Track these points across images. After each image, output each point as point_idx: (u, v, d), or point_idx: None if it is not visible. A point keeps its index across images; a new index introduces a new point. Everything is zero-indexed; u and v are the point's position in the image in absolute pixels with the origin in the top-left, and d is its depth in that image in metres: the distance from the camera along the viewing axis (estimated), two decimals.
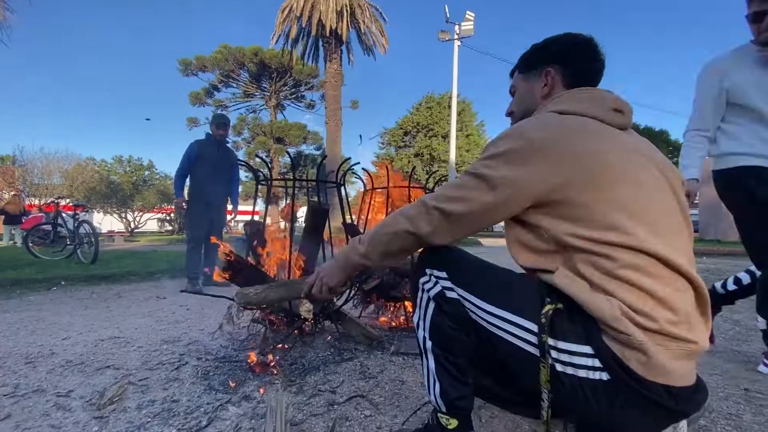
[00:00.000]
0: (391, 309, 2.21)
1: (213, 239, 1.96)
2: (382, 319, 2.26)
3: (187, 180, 3.83)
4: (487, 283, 0.80)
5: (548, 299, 0.72)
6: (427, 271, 0.87)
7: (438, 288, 0.85)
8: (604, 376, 0.66)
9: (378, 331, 1.98)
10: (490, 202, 0.75)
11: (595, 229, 0.69)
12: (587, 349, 0.68)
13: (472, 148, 24.57)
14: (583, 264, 0.70)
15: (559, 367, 0.69)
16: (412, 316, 0.94)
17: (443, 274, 0.85)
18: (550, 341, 0.69)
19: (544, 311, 0.71)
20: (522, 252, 0.80)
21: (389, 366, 1.61)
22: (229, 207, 4.02)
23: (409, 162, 23.61)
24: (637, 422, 0.68)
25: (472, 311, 0.80)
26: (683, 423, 0.76)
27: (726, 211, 1.71)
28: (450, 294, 0.83)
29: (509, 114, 1.04)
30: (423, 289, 0.88)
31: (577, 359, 0.68)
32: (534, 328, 0.72)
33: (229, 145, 4.08)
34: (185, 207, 3.82)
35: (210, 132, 3.90)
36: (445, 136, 23.66)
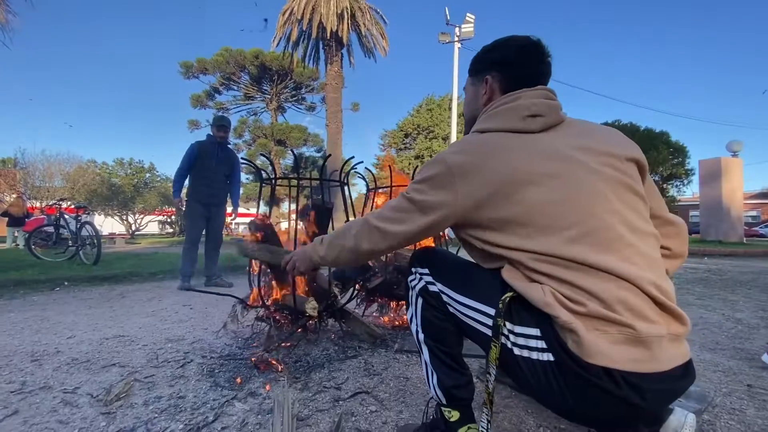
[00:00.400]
0: (394, 307, 2.22)
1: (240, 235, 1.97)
2: (385, 318, 2.26)
3: (187, 180, 3.83)
4: (460, 277, 0.88)
5: (509, 289, 0.78)
6: (413, 269, 0.97)
7: (422, 283, 0.93)
8: (550, 357, 0.71)
9: (381, 329, 1.99)
10: (422, 223, 0.83)
11: (513, 240, 0.75)
12: (536, 332, 0.73)
13: None
14: (516, 264, 0.77)
15: (516, 351, 0.75)
16: (407, 313, 1.01)
17: (426, 271, 0.93)
18: (508, 325, 0.75)
19: (502, 298, 0.77)
20: (474, 257, 0.90)
21: (393, 363, 1.61)
22: (229, 209, 4.03)
23: (409, 164, 23.64)
24: (591, 406, 0.69)
25: (448, 303, 0.88)
26: (690, 417, 0.76)
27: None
28: (432, 288, 0.91)
29: (462, 115, 1.13)
30: (411, 287, 0.97)
31: (529, 342, 0.73)
32: (492, 312, 0.78)
33: (230, 146, 4.09)
34: (182, 208, 3.83)
35: (211, 133, 3.91)
36: (446, 138, 23.71)
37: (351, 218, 2.08)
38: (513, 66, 0.91)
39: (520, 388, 1.20)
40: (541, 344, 0.72)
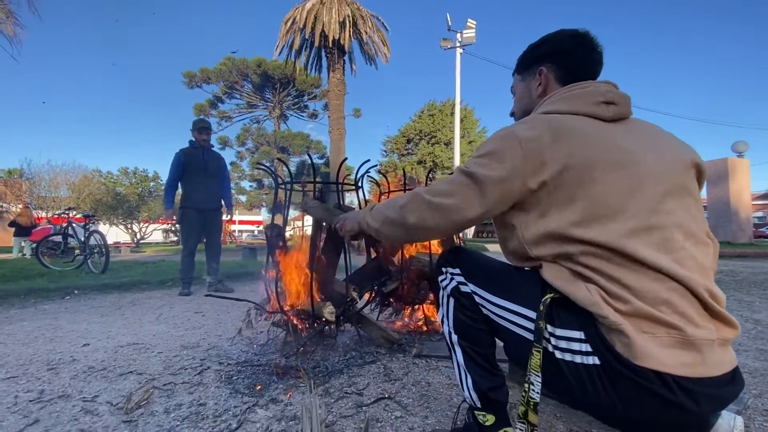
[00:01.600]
0: (410, 312, 2.20)
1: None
2: (398, 323, 2.24)
3: (180, 189, 3.80)
4: (495, 277, 0.85)
5: (549, 290, 0.75)
6: (443, 269, 0.95)
7: (454, 283, 0.91)
8: (596, 360, 0.67)
9: (397, 334, 1.97)
10: (477, 201, 0.78)
11: (565, 226, 0.72)
12: (580, 335, 0.70)
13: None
14: (562, 258, 0.74)
15: (558, 354, 0.71)
16: (438, 314, 0.99)
17: (457, 271, 0.91)
18: (549, 328, 0.72)
19: (543, 299, 0.74)
20: (511, 256, 0.86)
21: (413, 368, 1.59)
22: (225, 216, 3.99)
23: (412, 169, 23.68)
24: (639, 412, 0.66)
25: (482, 305, 0.85)
26: (739, 420, 0.74)
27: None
28: (464, 288, 0.89)
29: (512, 114, 1.08)
30: (441, 287, 0.94)
31: (572, 345, 0.70)
32: (533, 315, 0.75)
33: (214, 149, 4.01)
34: (175, 218, 3.83)
35: (193, 139, 3.84)
36: (448, 143, 23.76)
37: None
38: (567, 55, 0.90)
39: (557, 394, 1.17)
40: (586, 347, 0.69)
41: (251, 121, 23.84)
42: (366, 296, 1.95)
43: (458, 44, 15.19)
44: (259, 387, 1.40)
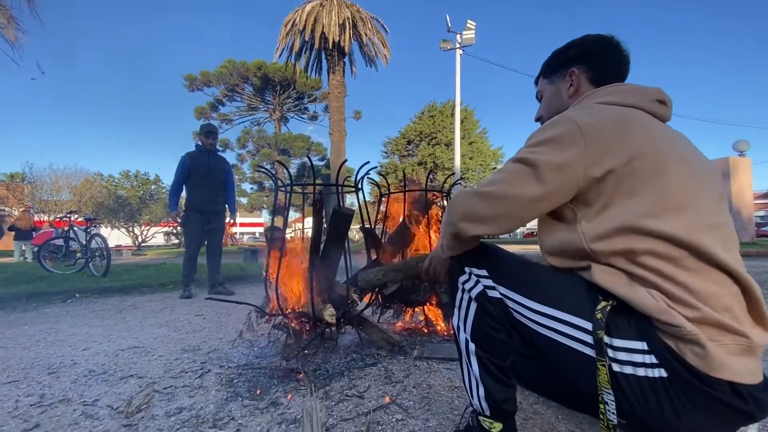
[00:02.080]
0: (410, 314, 2.19)
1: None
2: (398, 324, 2.24)
3: (184, 192, 3.83)
4: (532, 280, 0.76)
5: (601, 296, 0.69)
6: (466, 269, 0.85)
7: (480, 287, 0.81)
8: (663, 372, 0.63)
9: (398, 336, 1.96)
10: (532, 190, 0.72)
11: (635, 217, 0.66)
12: (642, 345, 0.64)
13: (475, 155, 24.61)
14: (620, 258, 0.68)
15: (615, 367, 0.65)
16: (451, 318, 0.90)
17: (483, 272, 0.82)
18: (606, 339, 0.66)
19: (599, 307, 0.67)
20: (554, 255, 0.78)
21: (414, 371, 1.58)
22: (228, 219, 4.01)
23: (413, 170, 23.67)
24: (705, 425, 0.63)
25: (515, 311, 0.77)
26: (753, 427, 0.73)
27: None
28: (492, 293, 0.80)
29: (538, 119, 1.04)
30: (463, 289, 0.85)
31: (634, 357, 0.64)
32: (587, 326, 0.68)
33: (219, 153, 4.08)
34: (179, 220, 3.85)
35: (200, 143, 3.90)
36: (449, 144, 23.76)
37: (366, 224, 2.07)
38: (599, 56, 0.89)
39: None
40: (650, 359, 0.64)
41: (252, 123, 23.92)
42: (366, 298, 1.94)
43: (458, 45, 15.20)
44: (260, 390, 1.40)
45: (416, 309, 2.16)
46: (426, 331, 2.10)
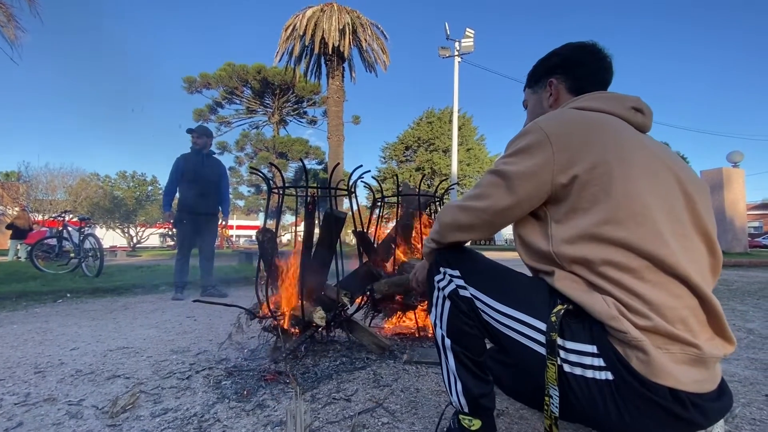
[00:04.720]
0: (401, 318, 2.19)
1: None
2: (388, 325, 2.24)
3: (177, 194, 3.83)
4: (499, 283, 0.81)
5: (560, 300, 0.73)
6: (442, 269, 0.89)
7: (452, 286, 0.86)
8: (609, 375, 0.65)
9: (388, 340, 1.96)
10: (505, 200, 0.77)
11: (596, 224, 0.69)
12: (592, 348, 0.67)
13: (472, 162, 24.74)
14: (578, 266, 0.71)
15: (567, 368, 0.68)
16: (429, 315, 0.95)
17: (456, 273, 0.86)
18: (559, 341, 0.69)
19: (555, 311, 0.71)
20: (526, 252, 0.82)
21: (403, 375, 1.59)
22: (220, 221, 4.00)
23: (410, 176, 23.73)
24: (647, 428, 0.65)
25: (482, 310, 0.81)
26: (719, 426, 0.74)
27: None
28: (463, 292, 0.84)
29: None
30: (438, 287, 0.89)
31: (584, 359, 0.68)
32: (543, 326, 0.72)
33: (214, 155, 4.08)
34: (172, 222, 3.84)
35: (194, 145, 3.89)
36: (446, 151, 23.89)
37: (357, 227, 2.07)
38: (577, 65, 0.91)
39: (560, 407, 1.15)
40: (598, 362, 0.66)
41: (250, 126, 23.96)
42: (357, 301, 1.94)
43: (456, 53, 15.36)
44: (247, 392, 1.39)
45: (407, 313, 2.17)
46: (417, 335, 2.10)
